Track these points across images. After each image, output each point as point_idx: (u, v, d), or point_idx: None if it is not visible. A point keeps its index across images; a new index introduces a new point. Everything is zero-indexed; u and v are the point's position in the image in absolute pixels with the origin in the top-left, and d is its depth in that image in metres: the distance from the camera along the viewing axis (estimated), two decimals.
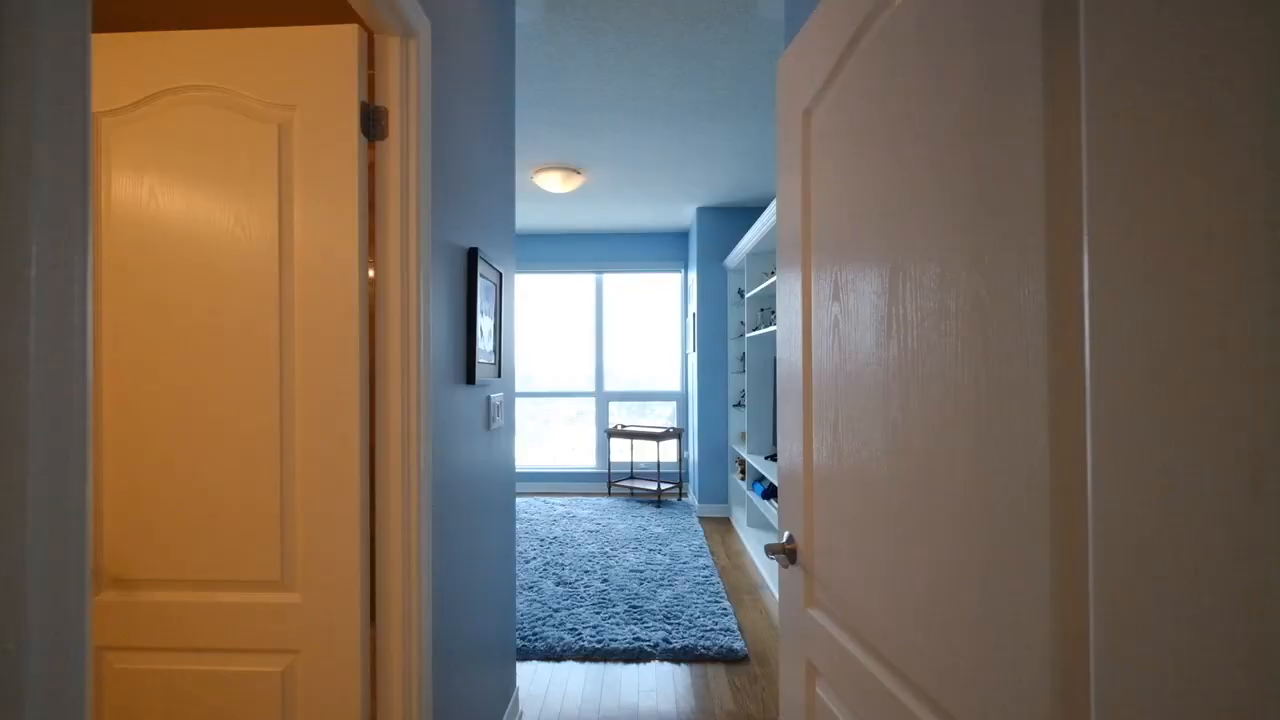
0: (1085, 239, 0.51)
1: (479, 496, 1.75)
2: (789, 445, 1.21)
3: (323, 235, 1.17)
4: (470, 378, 1.59)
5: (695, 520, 4.88)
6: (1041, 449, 0.56)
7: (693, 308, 5.48)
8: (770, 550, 1.20)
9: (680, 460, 5.93)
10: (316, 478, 1.17)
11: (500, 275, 1.92)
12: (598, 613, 3.01)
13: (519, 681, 2.45)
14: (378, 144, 1.23)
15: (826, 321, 1.04)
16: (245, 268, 1.17)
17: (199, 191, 1.17)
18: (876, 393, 0.87)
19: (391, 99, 1.23)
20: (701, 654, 2.62)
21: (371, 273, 1.24)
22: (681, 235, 6.03)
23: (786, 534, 1.22)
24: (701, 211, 5.17)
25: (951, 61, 0.69)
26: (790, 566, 1.20)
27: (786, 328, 1.21)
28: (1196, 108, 0.42)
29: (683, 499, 5.70)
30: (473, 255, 1.60)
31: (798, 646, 1.17)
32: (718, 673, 2.53)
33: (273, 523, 1.17)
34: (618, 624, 2.88)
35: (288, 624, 1.18)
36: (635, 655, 2.62)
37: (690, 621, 2.91)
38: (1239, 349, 0.40)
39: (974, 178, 0.66)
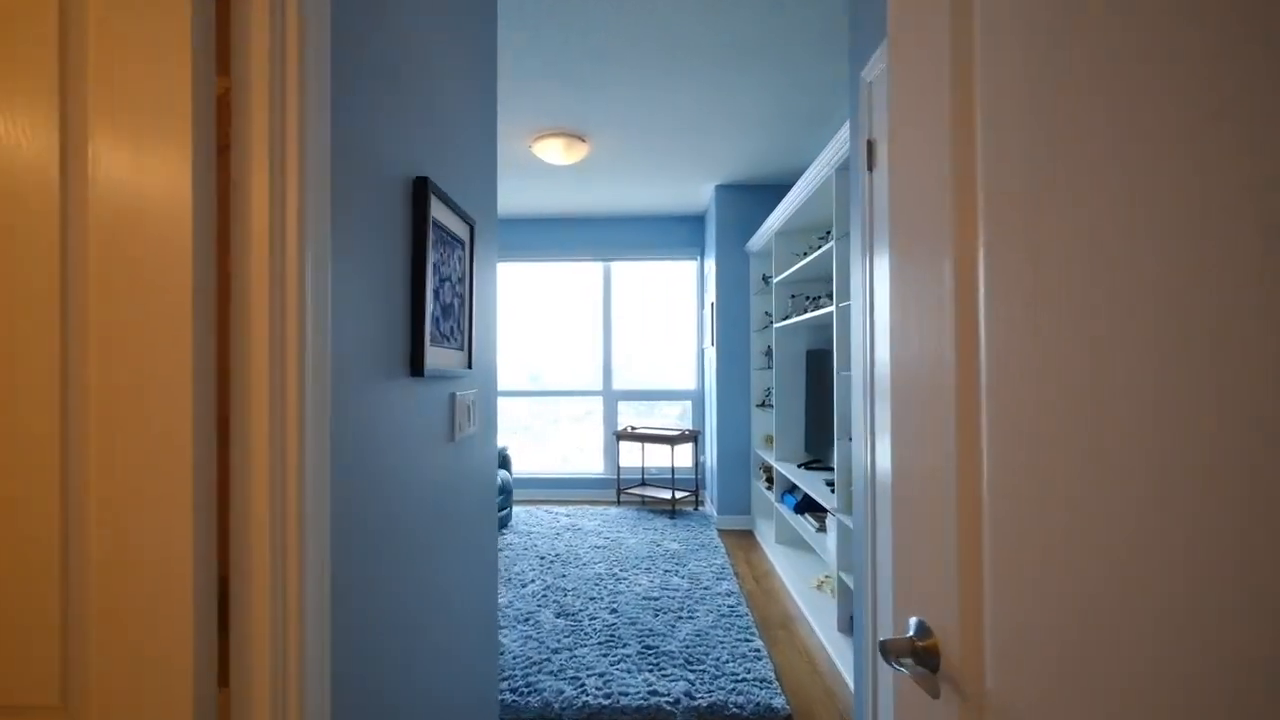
0: None
1: (437, 527, 1.26)
2: (911, 463, 0.72)
3: (135, 141, 0.69)
4: (417, 368, 1.11)
5: (714, 534, 4.38)
6: None
7: (710, 297, 4.98)
8: (890, 650, 0.71)
9: (696, 466, 5.42)
10: (122, 540, 0.69)
11: (472, 228, 1.43)
12: (605, 654, 2.52)
13: None
14: None
15: (1016, 263, 0.54)
16: (7, 197, 0.69)
17: None
18: (1160, 383, 0.38)
19: None
20: (734, 714, 2.12)
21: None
22: (698, 219, 5.53)
23: (914, 620, 0.73)
24: (721, 190, 4.67)
25: None
26: (927, 677, 0.70)
27: (906, 282, 0.72)
28: None
29: (699, 509, 5.19)
30: (420, 188, 1.11)
31: None
32: None
33: (48, 614, 0.69)
34: (629, 671, 2.39)
35: None
36: (652, 715, 2.13)
37: (717, 667, 2.41)
38: None
39: None
